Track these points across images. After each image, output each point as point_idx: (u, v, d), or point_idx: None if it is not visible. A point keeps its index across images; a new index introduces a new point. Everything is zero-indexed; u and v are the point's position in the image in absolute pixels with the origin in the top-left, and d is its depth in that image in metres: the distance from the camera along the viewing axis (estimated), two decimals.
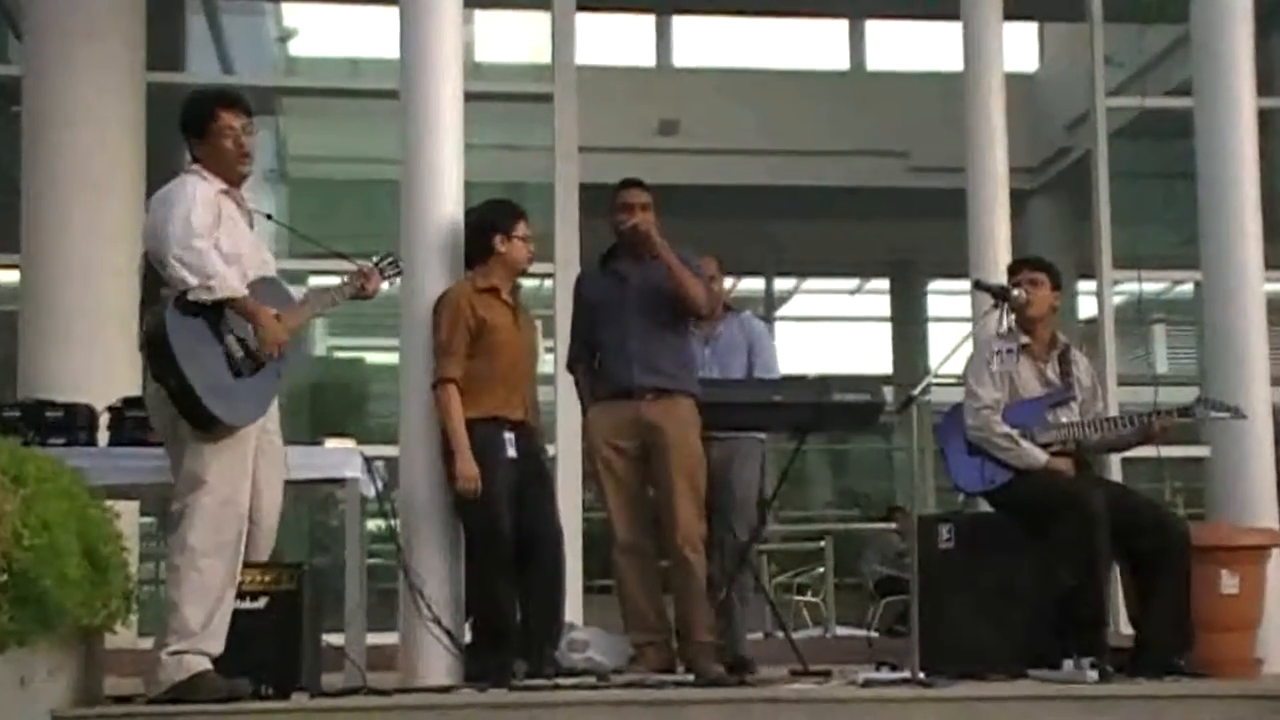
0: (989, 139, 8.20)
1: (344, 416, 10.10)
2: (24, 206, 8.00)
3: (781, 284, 16.98)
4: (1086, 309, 10.56)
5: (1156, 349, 12.17)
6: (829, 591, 10.66)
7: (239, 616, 4.69)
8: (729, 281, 6.84)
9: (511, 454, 5.47)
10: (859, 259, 16.19)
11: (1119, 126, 9.65)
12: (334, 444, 5.63)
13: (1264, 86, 6.95)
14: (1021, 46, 13.34)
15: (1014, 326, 5.90)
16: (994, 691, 4.97)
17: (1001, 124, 8.25)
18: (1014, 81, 8.91)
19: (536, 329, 5.96)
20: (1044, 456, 5.71)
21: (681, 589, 5.63)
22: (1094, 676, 5.08)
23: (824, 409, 6.17)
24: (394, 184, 5.79)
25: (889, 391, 6.45)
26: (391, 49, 5.93)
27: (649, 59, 14.49)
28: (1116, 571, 5.87)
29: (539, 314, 5.91)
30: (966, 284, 7.99)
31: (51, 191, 7.93)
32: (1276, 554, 6.04)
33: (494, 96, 8.88)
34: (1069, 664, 5.13)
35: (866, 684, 5.08)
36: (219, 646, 4.62)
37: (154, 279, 4.70)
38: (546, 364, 7.41)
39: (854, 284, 17.49)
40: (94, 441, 5.58)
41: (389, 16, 5.99)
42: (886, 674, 5.27)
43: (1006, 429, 5.75)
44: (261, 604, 4.84)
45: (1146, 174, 10.30)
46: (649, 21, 14.40)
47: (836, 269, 16.84)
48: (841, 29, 14.55)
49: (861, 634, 9.32)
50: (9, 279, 8.29)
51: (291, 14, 10.90)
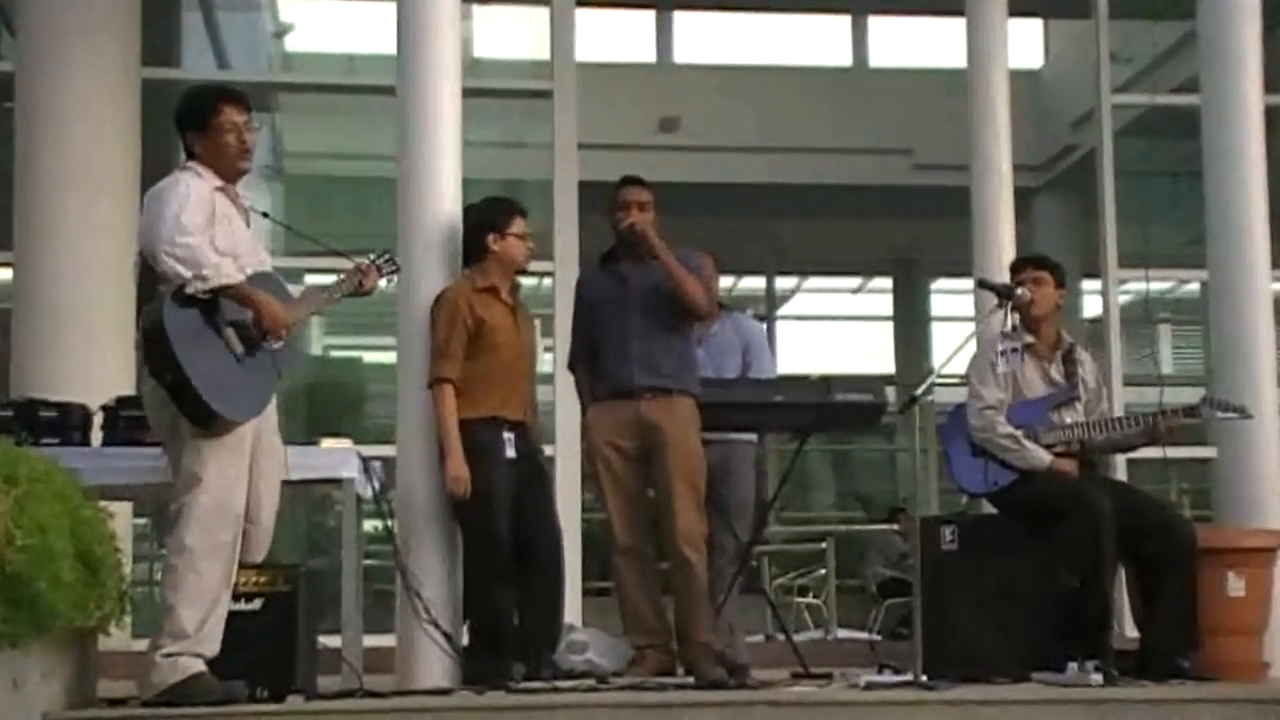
0: (993, 136, 8.18)
1: (340, 416, 10.08)
2: (17, 204, 7.99)
3: (783, 283, 16.96)
4: (1092, 308, 10.54)
5: (1162, 348, 12.14)
6: (830, 593, 10.64)
7: (234, 618, 4.66)
8: (726, 281, 6.78)
9: (511, 454, 5.44)
10: (861, 257, 16.18)
11: (1124, 124, 9.63)
12: (330, 444, 5.60)
13: (1271, 84, 6.89)
14: (1026, 43, 13.31)
15: (1018, 326, 5.86)
16: (997, 695, 4.94)
17: (1006, 121, 8.22)
18: (1019, 78, 8.89)
19: (535, 328, 5.92)
20: (1048, 457, 5.67)
21: (682, 590, 5.59)
22: (1098, 680, 5.05)
23: (826, 409, 6.14)
24: (391, 181, 5.77)
25: (891, 392, 6.42)
26: (389, 45, 5.90)
27: (649, 55, 14.46)
28: (1121, 574, 5.83)
29: (538, 313, 5.87)
30: (970, 283, 7.97)
31: (45, 189, 7.91)
32: None
33: (493, 93, 8.86)
34: (1073, 667, 5.10)
35: (868, 687, 5.05)
36: (214, 649, 4.59)
37: (150, 277, 4.68)
38: (545, 363, 7.39)
39: (856, 283, 17.48)
40: (87, 441, 5.55)
41: (386, 12, 5.97)
42: (889, 677, 5.24)
43: (1010, 429, 5.70)
44: (257, 605, 4.82)
45: (1152, 172, 10.27)
46: (649, 17, 14.38)
47: (839, 268, 16.83)
48: (844, 25, 14.53)
49: (863, 636, 9.30)
50: (2, 277, 8.26)
51: (287, 9, 10.87)
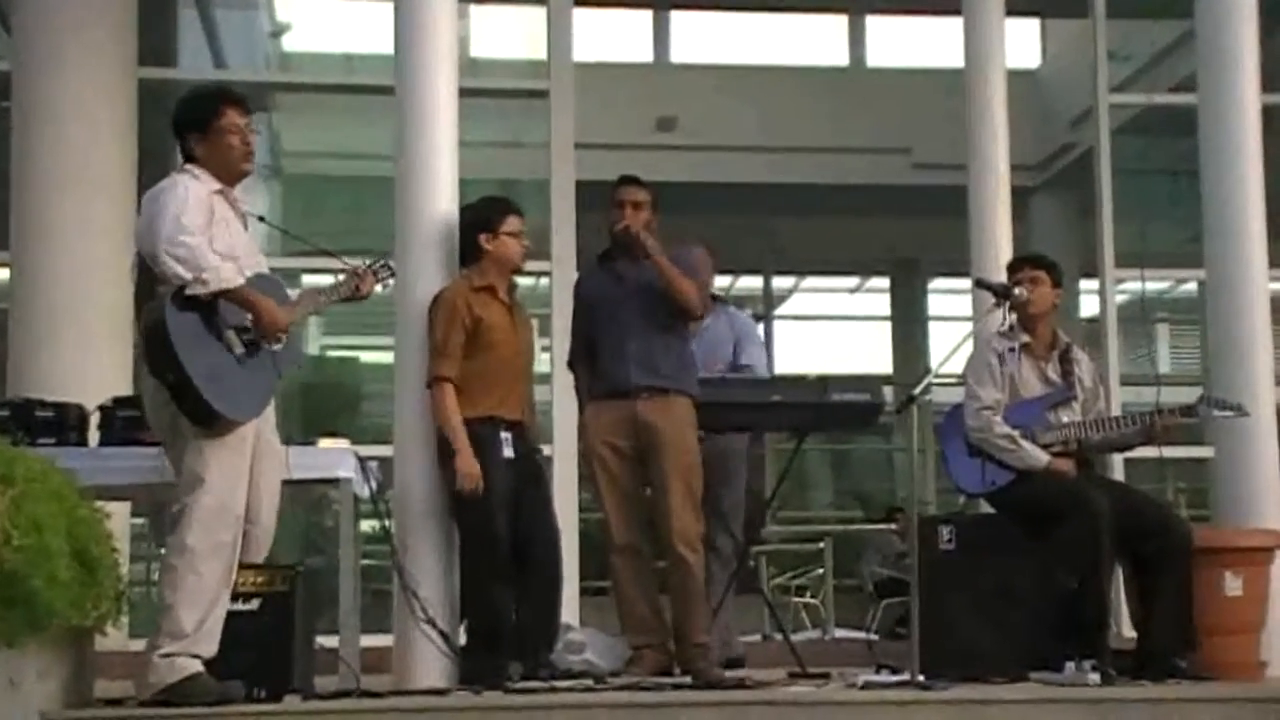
0: (991, 136, 8.16)
1: (338, 416, 10.07)
2: (13, 203, 7.97)
3: (781, 282, 16.95)
4: (1089, 307, 10.53)
5: (1160, 348, 12.15)
6: (828, 593, 10.64)
7: (232, 618, 4.66)
8: (724, 280, 6.78)
9: (508, 454, 5.43)
10: (859, 257, 16.17)
11: (1122, 123, 9.62)
12: (328, 444, 5.60)
13: (1269, 83, 6.89)
14: (1024, 42, 13.31)
15: (1015, 325, 5.86)
16: (995, 694, 4.94)
17: (1004, 120, 8.21)
18: (1016, 78, 8.88)
19: (533, 328, 5.92)
20: (1045, 457, 5.67)
21: (679, 589, 5.59)
22: (1096, 679, 5.05)
23: (823, 409, 6.14)
24: (389, 180, 5.75)
25: (889, 391, 6.41)
26: (386, 44, 5.90)
27: (646, 55, 14.45)
28: (1119, 573, 5.83)
29: (535, 312, 5.87)
30: (967, 282, 7.96)
31: (41, 188, 7.89)
32: None
33: (490, 93, 8.84)
34: (1071, 667, 5.10)
35: (866, 686, 5.04)
36: (212, 649, 4.58)
37: (149, 278, 4.68)
38: (543, 363, 7.37)
39: (854, 282, 17.47)
40: (84, 441, 5.55)
41: (383, 11, 5.97)
42: (886, 676, 5.23)
43: (1007, 429, 5.70)
44: (254, 605, 4.82)
45: (1150, 171, 10.26)
46: (646, 17, 14.37)
47: (836, 267, 16.82)
48: (842, 24, 14.52)
49: (861, 636, 9.28)
50: None
51: (285, 9, 10.85)
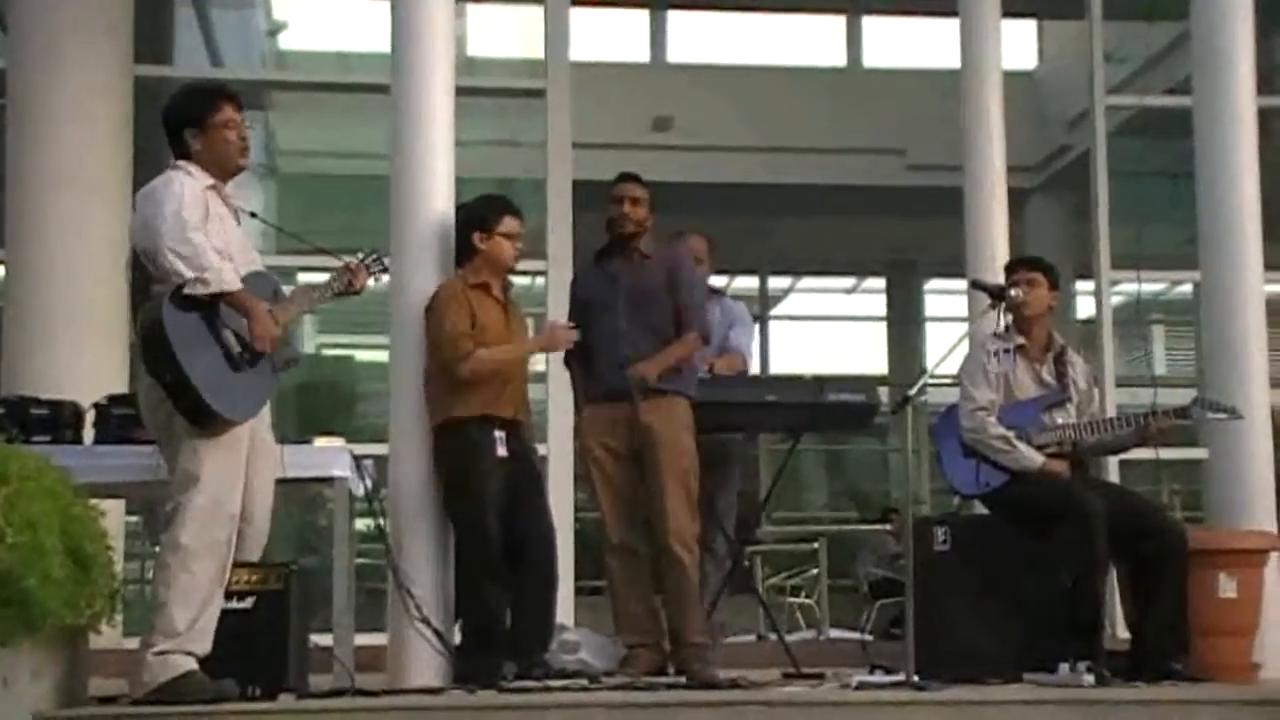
0: (987, 137, 8.16)
1: (333, 415, 10.06)
2: (8, 202, 7.96)
3: (777, 283, 16.95)
4: (1085, 309, 10.53)
5: (1155, 350, 12.15)
6: (823, 593, 10.63)
7: (226, 616, 4.65)
8: (719, 280, 6.77)
9: (502, 453, 5.42)
10: (855, 258, 16.17)
11: (1118, 125, 9.63)
12: (322, 442, 5.59)
13: (1264, 85, 6.91)
14: (1020, 44, 13.32)
15: (1010, 326, 5.86)
16: (989, 695, 4.94)
17: (1000, 122, 8.21)
18: (1013, 79, 8.88)
19: (528, 327, 5.91)
20: (1040, 458, 5.67)
21: (673, 590, 5.59)
22: (1090, 680, 5.05)
23: (819, 409, 6.14)
24: (384, 179, 5.75)
25: (884, 392, 6.41)
26: (382, 43, 5.89)
27: (643, 55, 14.45)
28: (1113, 575, 5.83)
29: (531, 312, 5.86)
30: (963, 283, 7.96)
31: (37, 187, 7.88)
32: (1275, 558, 6.01)
33: (486, 92, 8.83)
34: (1065, 668, 5.10)
35: (860, 687, 5.04)
36: (205, 647, 4.58)
37: (143, 276, 4.67)
38: (538, 362, 7.37)
39: (850, 283, 17.47)
40: (79, 439, 5.54)
41: (380, 10, 5.95)
42: (881, 677, 5.23)
43: (1002, 431, 5.70)
44: (249, 604, 4.82)
45: (1146, 173, 10.26)
46: (643, 17, 14.36)
47: (832, 268, 16.81)
48: (839, 25, 14.52)
49: (855, 637, 9.27)
50: None
51: (281, 7, 10.85)
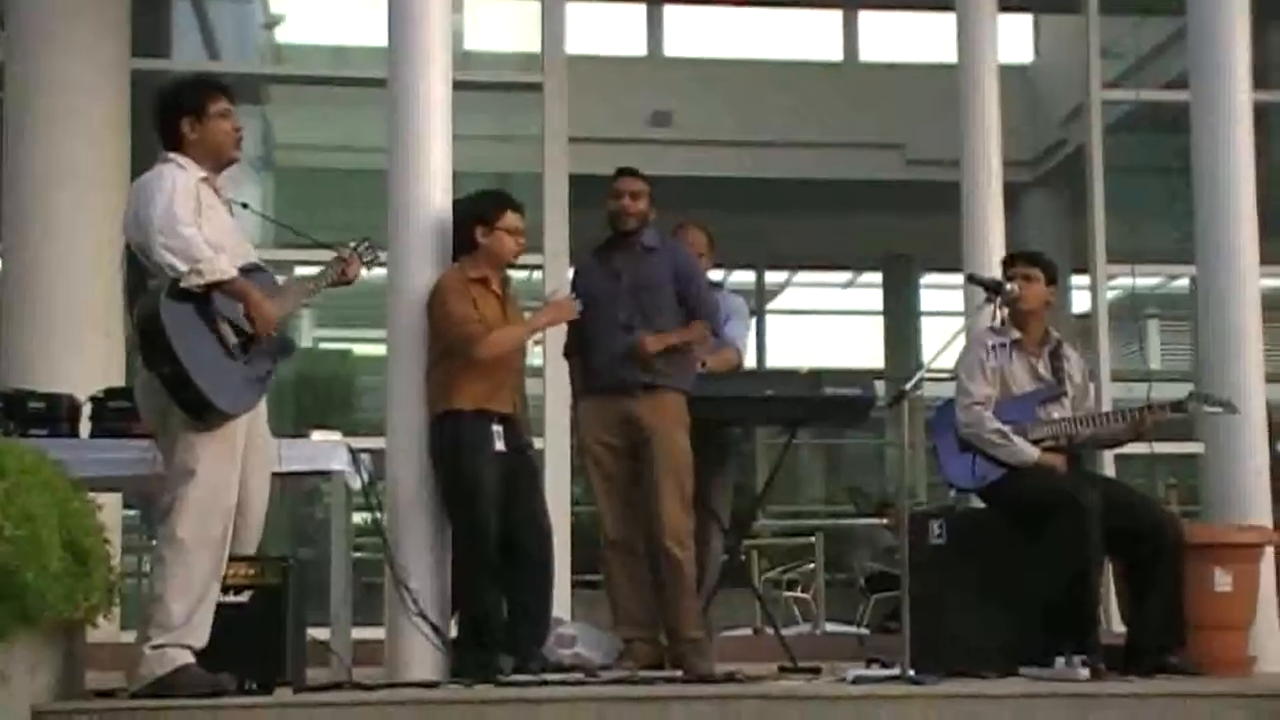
0: (983, 132, 8.15)
1: (330, 409, 10.06)
2: (5, 195, 7.95)
3: (773, 277, 16.94)
4: (1080, 303, 10.53)
5: (1151, 344, 12.15)
6: (819, 588, 10.62)
7: (223, 610, 4.67)
8: (716, 275, 6.77)
9: (499, 447, 5.42)
10: (851, 252, 16.15)
11: (1114, 120, 9.62)
12: (320, 436, 5.61)
13: (1261, 80, 6.90)
14: (1017, 38, 13.29)
15: (1006, 321, 5.87)
16: (985, 689, 4.94)
17: (996, 117, 8.20)
18: (1009, 74, 8.87)
19: (524, 322, 5.90)
20: (1035, 452, 5.68)
21: (669, 585, 5.60)
22: (1085, 674, 5.06)
23: (815, 403, 6.15)
24: (381, 173, 5.74)
25: (881, 386, 6.41)
26: (379, 37, 5.88)
27: (640, 49, 14.42)
28: (1109, 568, 5.84)
29: (528, 306, 5.86)
30: (960, 278, 7.95)
31: (34, 180, 7.88)
32: (1270, 552, 6.01)
33: (483, 86, 8.81)
34: (1060, 661, 5.11)
35: (857, 681, 5.04)
36: (202, 640, 4.59)
37: (138, 270, 4.68)
38: (534, 356, 7.37)
39: (846, 277, 17.46)
40: (76, 433, 5.56)
41: (377, 4, 5.94)
42: (877, 671, 5.24)
43: (998, 425, 5.71)
44: (246, 597, 4.84)
45: (1142, 168, 10.26)
46: (640, 10, 14.33)
47: (829, 262, 16.80)
48: (835, 20, 14.49)
49: (852, 631, 9.29)
50: None
51: (278, 1, 10.83)
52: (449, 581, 5.43)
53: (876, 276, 17.02)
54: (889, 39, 14.24)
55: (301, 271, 5.22)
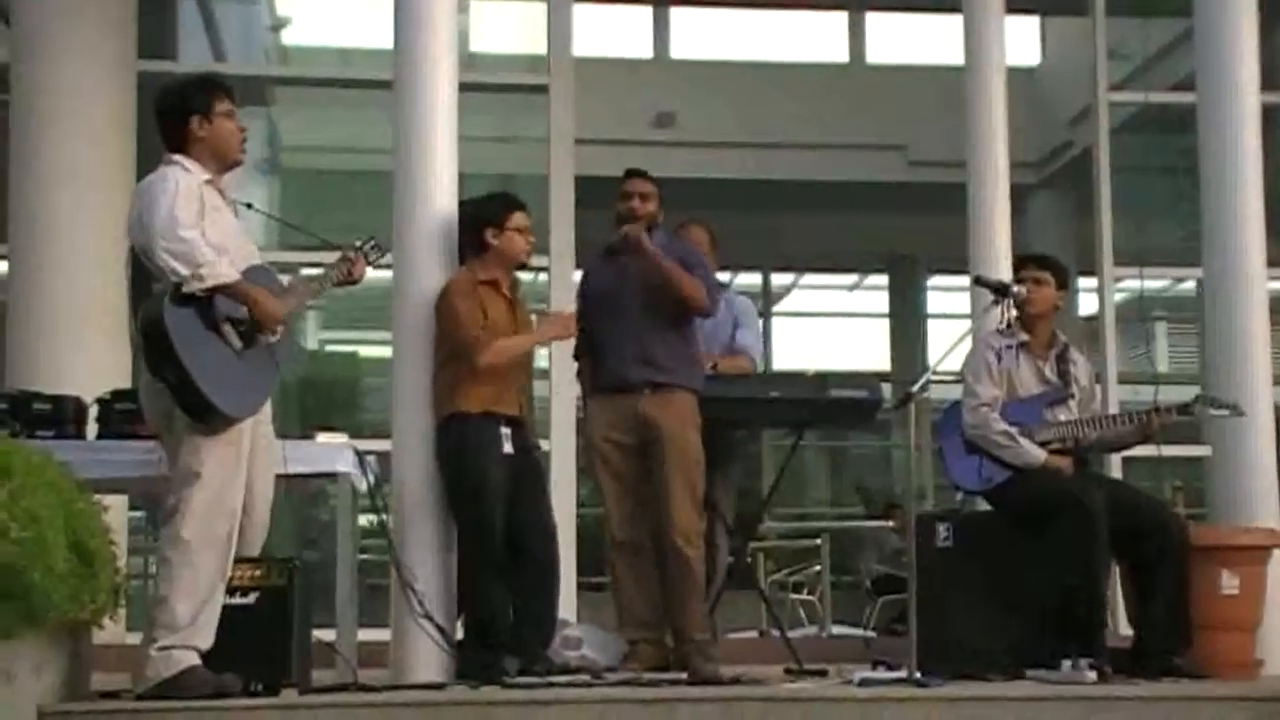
0: (990, 133, 8.15)
1: (336, 410, 10.07)
2: (12, 196, 7.95)
3: (779, 279, 16.95)
4: (1087, 306, 10.52)
5: (1158, 347, 12.15)
6: (825, 590, 10.63)
7: (229, 611, 4.66)
8: (723, 277, 6.76)
9: (507, 449, 5.42)
10: (857, 254, 16.17)
11: (1121, 121, 9.61)
12: (325, 438, 5.61)
13: (1268, 81, 6.89)
14: (1023, 40, 13.29)
15: (1013, 323, 5.86)
16: (992, 692, 4.93)
17: (1003, 118, 8.20)
18: (1016, 75, 8.87)
19: (532, 323, 5.91)
20: (1042, 454, 5.67)
21: (677, 585, 5.59)
22: (1092, 677, 5.05)
23: (821, 405, 6.14)
24: (387, 175, 5.74)
25: (887, 388, 6.41)
26: (385, 38, 5.88)
27: (646, 50, 14.44)
28: (1115, 571, 5.83)
29: (534, 308, 5.87)
30: (966, 280, 7.95)
31: (40, 181, 7.88)
32: (1277, 554, 6.00)
33: (489, 87, 8.82)
34: (1067, 664, 5.10)
35: (863, 683, 5.03)
36: (208, 641, 4.58)
37: (142, 272, 4.67)
38: (541, 359, 7.37)
39: (852, 279, 17.47)
40: (82, 434, 5.55)
41: (383, 5, 5.94)
42: (883, 673, 5.23)
43: (1005, 426, 5.70)
44: (251, 599, 4.82)
45: (1149, 169, 10.25)
46: (646, 13, 14.35)
47: (835, 264, 16.81)
48: (841, 21, 14.51)
49: (858, 633, 9.28)
50: None
51: (284, 2, 10.84)
52: (455, 583, 5.42)
53: (883, 279, 17.03)
54: (895, 41, 14.25)
55: (308, 273, 5.20)
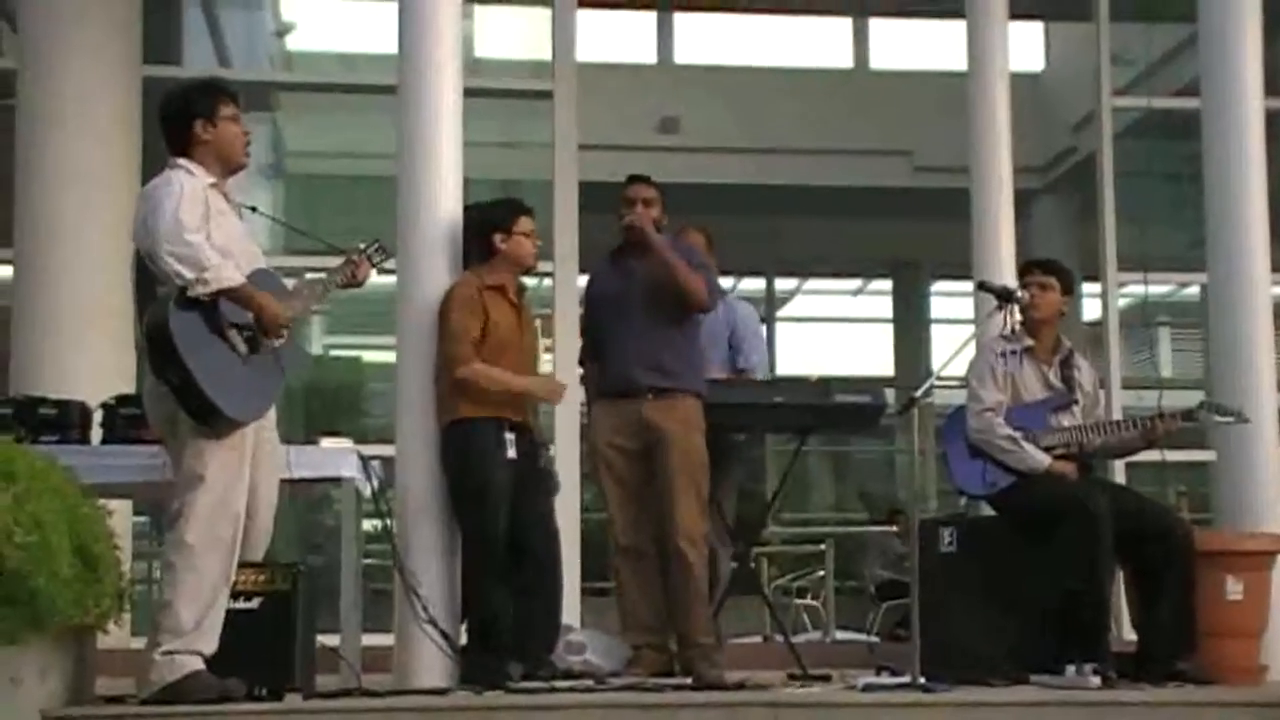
0: (994, 139, 8.14)
1: (340, 415, 10.07)
2: (18, 201, 7.97)
3: (783, 284, 16.95)
4: (1091, 311, 10.52)
5: (1162, 352, 12.14)
6: (829, 595, 10.62)
7: (233, 616, 4.66)
8: (726, 282, 6.76)
9: (511, 455, 5.42)
10: (861, 259, 16.16)
11: (1125, 127, 9.61)
12: (330, 443, 5.60)
13: (1272, 87, 6.88)
14: (1027, 45, 13.28)
15: (1017, 328, 5.86)
16: (995, 697, 4.94)
17: (1006, 124, 8.19)
18: (1019, 81, 8.87)
19: (537, 329, 5.92)
20: (1046, 459, 5.67)
21: (681, 590, 5.58)
22: (1096, 682, 5.04)
23: (825, 410, 6.14)
24: (392, 180, 5.74)
25: (890, 393, 6.41)
26: (390, 44, 5.89)
27: (650, 56, 14.45)
28: (1120, 576, 5.82)
29: (538, 313, 5.88)
30: (969, 285, 7.95)
31: (45, 186, 7.90)
32: None
33: (493, 93, 8.83)
34: (1071, 669, 5.10)
35: (867, 689, 5.03)
36: (212, 646, 4.58)
37: (147, 276, 4.68)
38: (546, 364, 7.37)
39: (856, 284, 17.46)
40: (87, 439, 5.55)
41: (388, 11, 5.95)
42: (887, 679, 5.22)
43: (1009, 431, 5.70)
44: (255, 604, 4.84)
45: (1153, 175, 10.25)
46: (650, 18, 14.36)
47: (838, 269, 16.81)
48: (845, 27, 14.51)
49: (862, 638, 9.28)
50: (2, 274, 8.24)
51: (289, 8, 10.86)
52: (458, 588, 5.43)
53: (886, 284, 17.03)
54: (899, 46, 14.25)
55: (312, 276, 5.21)
